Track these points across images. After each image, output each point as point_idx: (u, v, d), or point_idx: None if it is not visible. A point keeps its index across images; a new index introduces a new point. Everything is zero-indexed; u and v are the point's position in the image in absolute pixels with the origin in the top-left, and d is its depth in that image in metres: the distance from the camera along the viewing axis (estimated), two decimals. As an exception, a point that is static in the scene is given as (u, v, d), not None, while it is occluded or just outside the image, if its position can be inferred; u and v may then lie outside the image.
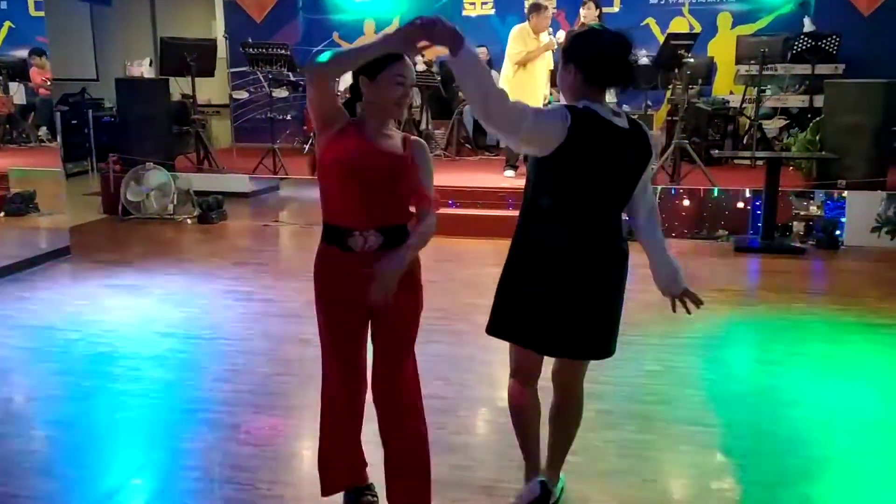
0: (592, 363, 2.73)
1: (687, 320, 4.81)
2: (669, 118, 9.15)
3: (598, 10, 8.05)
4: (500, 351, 2.83)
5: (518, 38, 7.55)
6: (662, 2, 10.52)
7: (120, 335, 4.58)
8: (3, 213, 7.74)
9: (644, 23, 10.59)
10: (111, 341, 4.48)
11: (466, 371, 4.06)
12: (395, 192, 2.46)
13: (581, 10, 8.22)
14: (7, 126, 8.49)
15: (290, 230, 7.77)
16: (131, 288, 5.55)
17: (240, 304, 5.19)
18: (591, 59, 2.41)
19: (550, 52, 7.73)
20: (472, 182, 7.74)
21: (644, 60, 8.75)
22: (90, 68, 11.71)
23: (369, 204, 2.42)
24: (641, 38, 9.78)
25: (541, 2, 7.64)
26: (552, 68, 7.81)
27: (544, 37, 7.65)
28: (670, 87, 8.86)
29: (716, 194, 7.28)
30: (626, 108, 10.63)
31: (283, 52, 8.37)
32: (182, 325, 4.76)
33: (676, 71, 7.74)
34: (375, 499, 2.73)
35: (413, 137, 2.56)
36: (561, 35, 7.87)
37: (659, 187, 7.33)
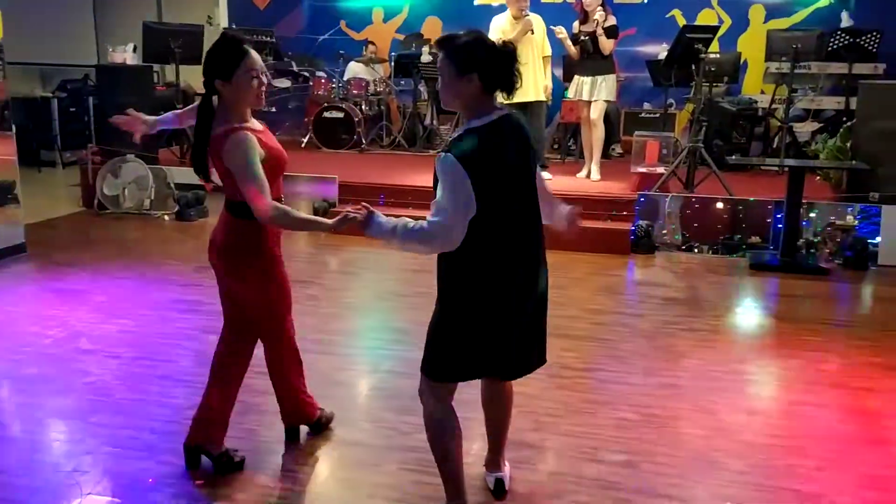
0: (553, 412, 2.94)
1: (677, 355, 4.26)
2: (692, 118, 8.45)
3: None
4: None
5: (495, 28, 7.02)
6: (690, -9, 9.79)
7: (34, 350, 4.11)
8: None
9: (669, 14, 9.88)
10: (19, 357, 4.00)
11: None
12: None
13: None
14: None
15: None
16: (74, 293, 5.09)
17: (182, 318, 4.69)
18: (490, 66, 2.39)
19: (540, 37, 7.12)
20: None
21: (663, 55, 8.09)
22: (92, 54, 11.32)
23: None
24: (666, 30, 9.10)
25: None
26: (548, 54, 7.19)
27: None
28: (693, 84, 8.16)
29: (732, 204, 6.58)
30: (647, 105, 9.96)
31: (268, 39, 7.88)
32: (107, 341, 4.27)
33: (693, 67, 7.03)
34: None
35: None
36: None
37: (670, 195, 6.67)
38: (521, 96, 7.00)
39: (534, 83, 7.06)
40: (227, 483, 2.87)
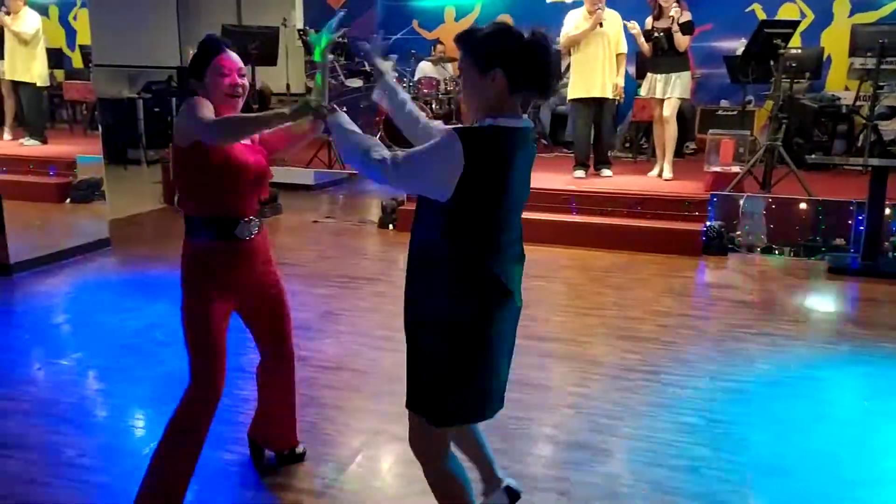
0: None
1: (746, 359, 4.15)
2: (771, 116, 8.19)
3: None
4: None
5: (568, 22, 7.04)
6: (771, -14, 9.49)
7: (114, 340, 4.31)
8: (69, 200, 7.76)
9: (749, 9, 9.61)
10: (99, 346, 4.20)
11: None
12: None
13: None
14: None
15: (340, 227, 7.39)
16: (152, 287, 5.31)
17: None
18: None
19: (615, 33, 7.04)
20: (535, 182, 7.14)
21: (741, 51, 7.88)
22: (175, 57, 11.76)
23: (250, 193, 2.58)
24: (744, 25, 8.84)
25: None
26: (623, 51, 7.09)
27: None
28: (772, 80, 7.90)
29: (812, 205, 6.34)
30: (724, 102, 9.70)
31: (340, 39, 8.00)
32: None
33: (773, 63, 6.81)
34: None
35: None
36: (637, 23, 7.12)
37: (745, 195, 6.49)
38: (590, 92, 7.05)
39: (602, 79, 7.01)
40: (289, 473, 2.95)
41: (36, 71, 7.97)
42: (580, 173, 7.31)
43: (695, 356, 4.16)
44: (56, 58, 8.35)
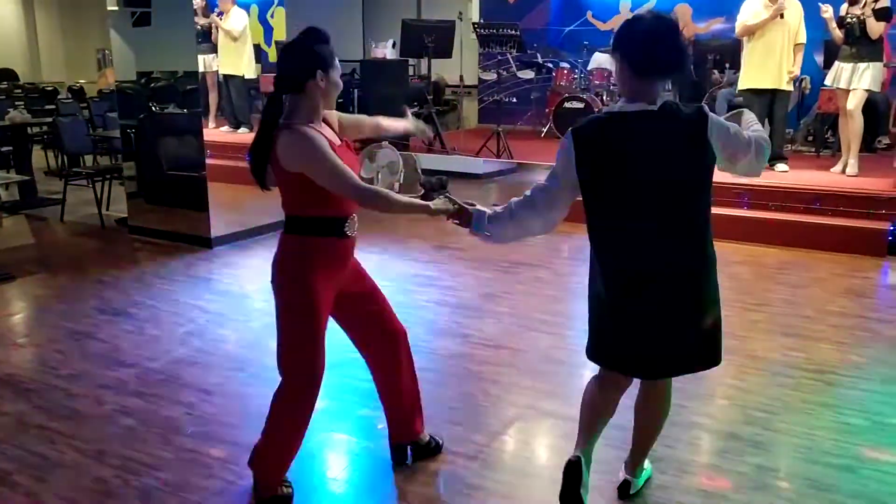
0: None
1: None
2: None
3: None
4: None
5: (746, 9, 6.84)
6: None
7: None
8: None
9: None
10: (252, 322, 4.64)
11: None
12: None
13: None
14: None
15: (507, 216, 7.58)
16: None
17: (420, 291, 5.14)
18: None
19: (796, 22, 6.72)
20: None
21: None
22: (359, 50, 12.45)
23: None
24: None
25: None
26: (802, 41, 6.75)
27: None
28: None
29: None
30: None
31: (512, 32, 8.17)
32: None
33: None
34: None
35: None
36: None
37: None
38: (764, 82, 6.77)
39: (779, 69, 6.73)
40: (444, 439, 3.15)
41: (243, 64, 8.81)
42: (782, 167, 7.07)
43: (867, 359, 3.97)
44: (255, 53, 9.16)
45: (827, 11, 6.67)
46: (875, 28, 6.43)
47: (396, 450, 2.98)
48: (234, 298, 5.02)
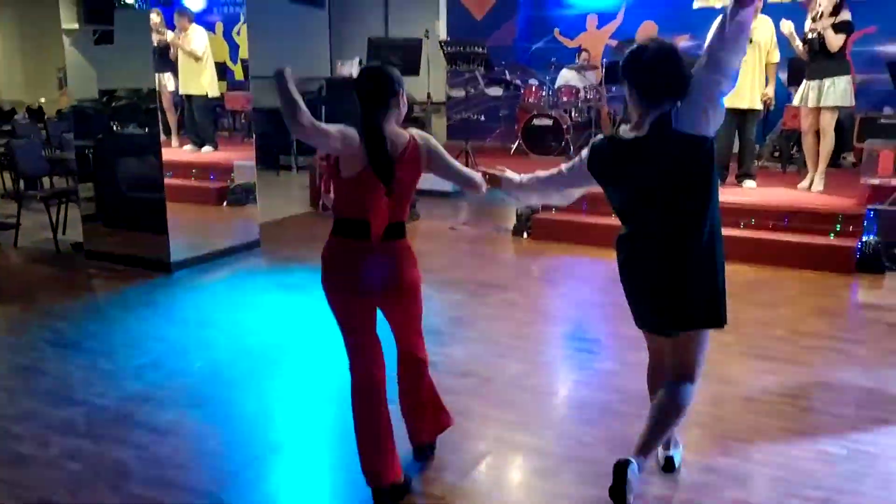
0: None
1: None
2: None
3: None
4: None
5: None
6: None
7: (258, 339, 4.59)
8: (225, 203, 8.34)
9: (918, 10, 8.89)
10: (239, 340, 4.49)
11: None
12: None
13: None
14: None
15: (475, 234, 7.49)
16: (293, 287, 5.59)
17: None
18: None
19: (766, 40, 6.72)
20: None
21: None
22: (326, 67, 12.35)
23: None
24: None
25: None
26: (776, 61, 6.76)
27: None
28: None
29: None
30: (887, 110, 9.01)
31: (479, 50, 8.11)
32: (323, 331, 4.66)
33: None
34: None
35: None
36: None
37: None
38: (735, 102, 6.75)
39: (750, 90, 6.69)
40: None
41: (205, 83, 8.62)
42: (750, 183, 7.08)
43: (841, 382, 3.91)
44: (220, 70, 8.98)
45: (787, 27, 6.66)
46: (833, 41, 6.38)
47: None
48: (194, 327, 4.83)
